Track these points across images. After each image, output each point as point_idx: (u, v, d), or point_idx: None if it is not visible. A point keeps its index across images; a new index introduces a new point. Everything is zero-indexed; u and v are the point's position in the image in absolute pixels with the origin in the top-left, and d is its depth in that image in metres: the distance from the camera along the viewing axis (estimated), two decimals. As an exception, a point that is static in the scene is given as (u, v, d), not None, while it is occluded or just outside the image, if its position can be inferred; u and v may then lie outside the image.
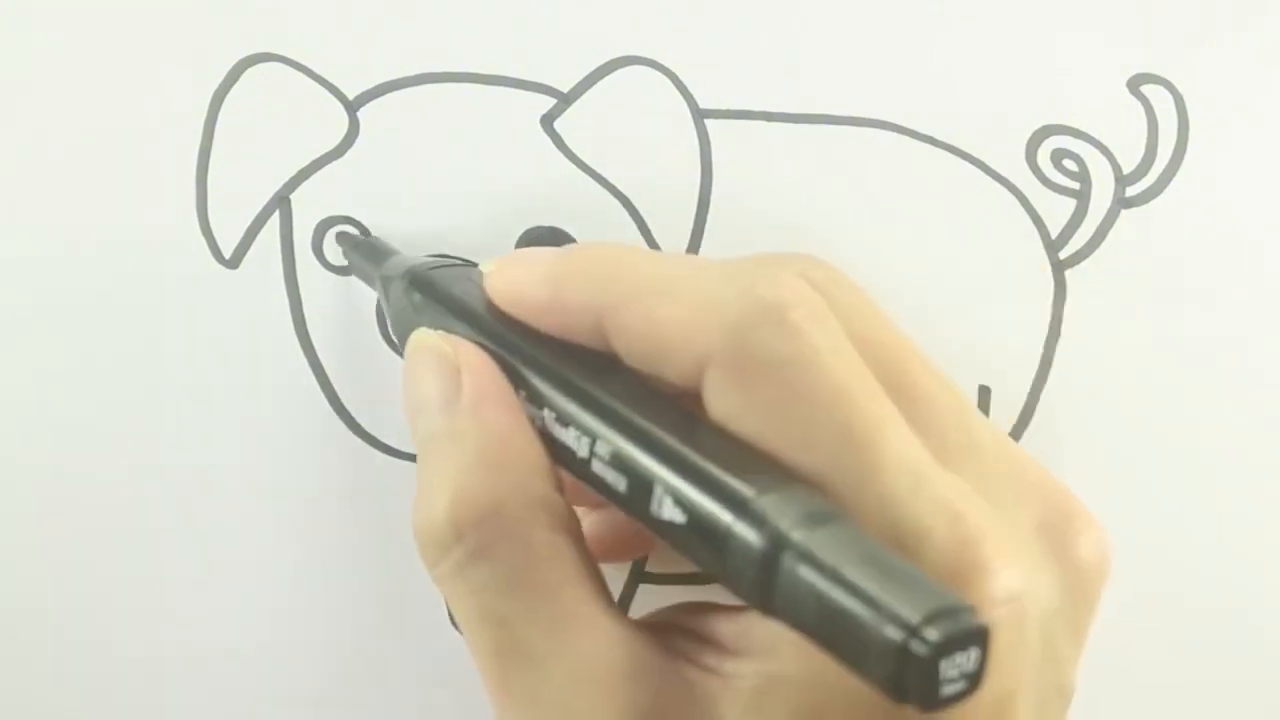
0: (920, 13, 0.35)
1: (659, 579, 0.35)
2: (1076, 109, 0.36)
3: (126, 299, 0.34)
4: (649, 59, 0.35)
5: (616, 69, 0.35)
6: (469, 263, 0.33)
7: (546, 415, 0.26)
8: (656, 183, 0.35)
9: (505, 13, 0.35)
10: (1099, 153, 0.36)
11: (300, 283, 0.34)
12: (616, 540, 0.32)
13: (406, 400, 0.28)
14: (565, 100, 0.35)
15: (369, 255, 0.33)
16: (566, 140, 0.35)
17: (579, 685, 0.25)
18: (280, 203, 0.34)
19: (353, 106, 0.34)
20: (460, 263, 0.31)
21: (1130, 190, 0.36)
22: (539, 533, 0.25)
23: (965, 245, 0.35)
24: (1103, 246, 0.36)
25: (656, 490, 0.24)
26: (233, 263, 0.34)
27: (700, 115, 0.35)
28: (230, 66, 0.34)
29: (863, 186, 0.35)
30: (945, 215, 0.35)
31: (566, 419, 0.26)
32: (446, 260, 0.32)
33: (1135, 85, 0.36)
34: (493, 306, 0.28)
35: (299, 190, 0.34)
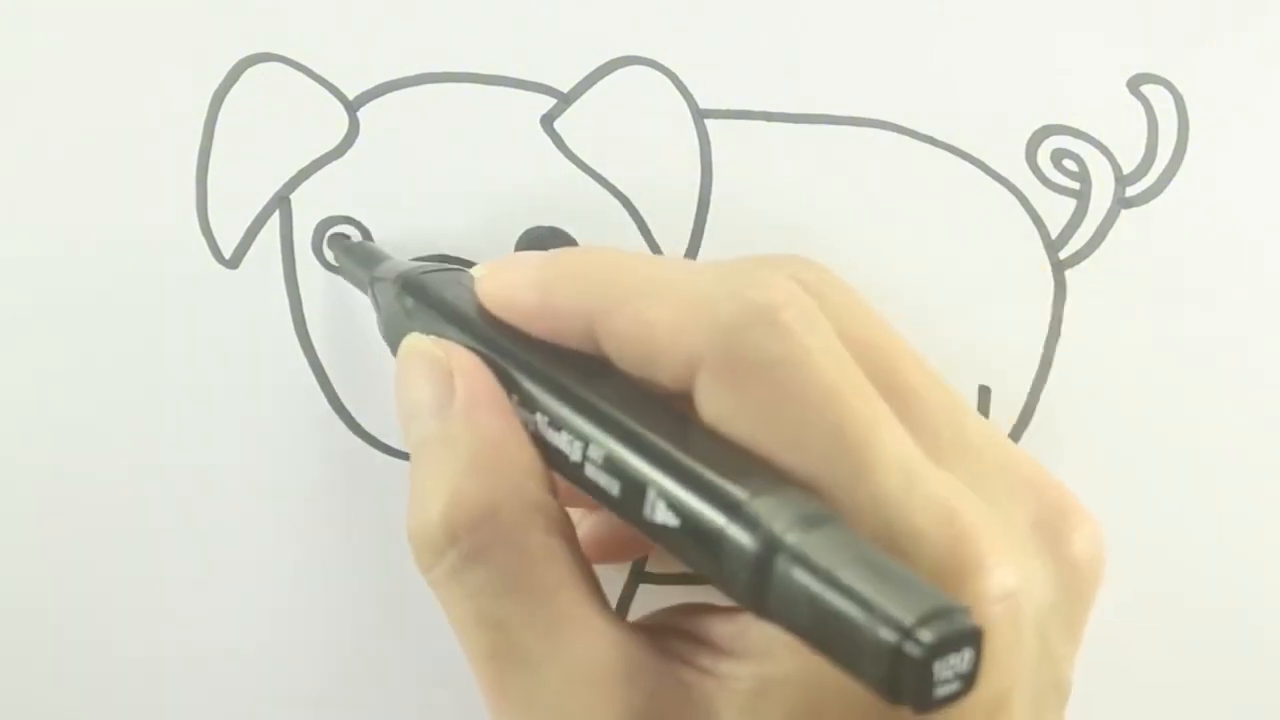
0: (920, 13, 0.35)
1: (659, 579, 0.35)
2: (1076, 109, 0.36)
3: (126, 299, 0.34)
4: (649, 59, 0.35)
5: (616, 69, 0.35)
6: (463, 265, 0.33)
7: (539, 420, 0.26)
8: (656, 183, 0.35)
9: (505, 13, 0.35)
10: (1099, 153, 0.36)
11: (300, 283, 0.34)
12: (616, 541, 0.32)
13: (399, 405, 0.28)
14: (565, 100, 0.35)
15: (360, 259, 0.33)
16: (566, 140, 0.35)
17: (574, 687, 0.25)
18: (280, 203, 0.34)
19: (353, 106, 0.34)
20: (452, 266, 0.31)
21: (1130, 190, 0.36)
22: (534, 536, 0.25)
23: (965, 245, 0.35)
24: (1103, 246, 0.36)
25: (649, 494, 0.24)
26: (233, 263, 0.34)
27: (700, 115, 0.35)
28: (230, 66, 0.34)
29: (863, 186, 0.35)
30: (945, 215, 0.35)
31: (559, 423, 0.26)
32: (438, 264, 0.32)
33: (1135, 85, 0.36)
34: (484, 311, 0.28)
35: (299, 190, 0.34)
